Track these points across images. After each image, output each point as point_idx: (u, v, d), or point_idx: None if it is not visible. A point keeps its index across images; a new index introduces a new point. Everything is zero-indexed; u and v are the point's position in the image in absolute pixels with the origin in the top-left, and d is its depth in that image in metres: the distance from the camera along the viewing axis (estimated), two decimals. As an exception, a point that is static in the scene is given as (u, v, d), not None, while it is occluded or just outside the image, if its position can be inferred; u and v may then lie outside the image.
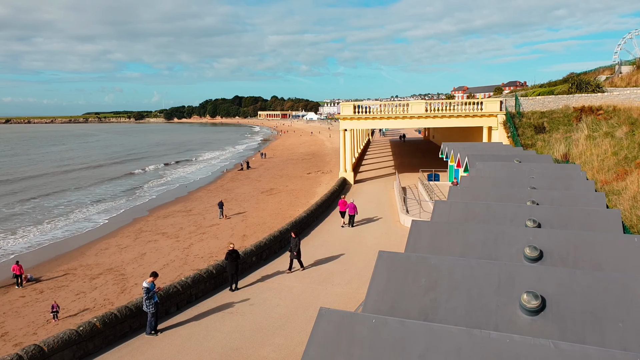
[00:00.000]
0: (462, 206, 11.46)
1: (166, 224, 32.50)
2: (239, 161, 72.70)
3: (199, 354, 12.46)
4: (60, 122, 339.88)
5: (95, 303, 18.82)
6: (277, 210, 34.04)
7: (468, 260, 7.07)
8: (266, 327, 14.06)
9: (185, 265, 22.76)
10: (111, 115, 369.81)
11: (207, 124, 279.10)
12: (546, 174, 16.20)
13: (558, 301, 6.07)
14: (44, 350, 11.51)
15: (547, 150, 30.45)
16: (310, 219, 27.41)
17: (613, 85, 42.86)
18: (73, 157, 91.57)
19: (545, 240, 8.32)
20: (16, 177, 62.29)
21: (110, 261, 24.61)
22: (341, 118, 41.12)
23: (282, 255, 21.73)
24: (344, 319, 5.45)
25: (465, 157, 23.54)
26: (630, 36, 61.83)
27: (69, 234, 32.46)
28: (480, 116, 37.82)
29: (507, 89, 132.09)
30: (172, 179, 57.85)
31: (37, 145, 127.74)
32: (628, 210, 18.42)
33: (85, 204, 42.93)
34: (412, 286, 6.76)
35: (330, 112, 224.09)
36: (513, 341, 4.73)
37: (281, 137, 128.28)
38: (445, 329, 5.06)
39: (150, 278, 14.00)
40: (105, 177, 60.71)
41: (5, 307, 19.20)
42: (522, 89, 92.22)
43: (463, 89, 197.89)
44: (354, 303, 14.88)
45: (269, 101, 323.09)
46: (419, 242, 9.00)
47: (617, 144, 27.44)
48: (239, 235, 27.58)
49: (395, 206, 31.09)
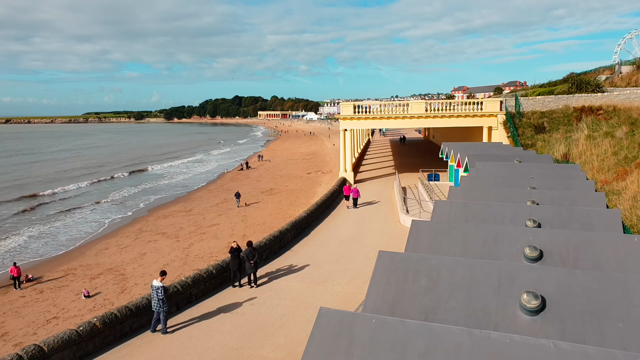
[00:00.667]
0: (462, 206, 11.46)
1: (166, 224, 32.50)
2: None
3: (199, 354, 12.47)
4: (61, 122, 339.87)
5: (95, 303, 18.82)
6: (277, 210, 34.05)
7: (468, 260, 7.07)
8: (266, 327, 14.07)
9: (185, 265, 22.77)
10: (111, 115, 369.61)
11: (207, 124, 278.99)
12: (546, 174, 16.20)
13: (558, 301, 6.07)
14: (44, 350, 11.52)
15: (547, 150, 30.44)
16: (310, 219, 27.41)
17: (613, 85, 42.87)
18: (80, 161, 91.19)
19: (545, 240, 8.33)
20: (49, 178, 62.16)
21: (111, 261, 24.61)
22: (341, 118, 41.13)
23: (282, 255, 21.74)
24: (344, 319, 5.45)
25: (465, 157, 23.54)
26: (630, 36, 61.88)
27: (67, 233, 32.47)
28: (480, 116, 37.83)
29: (507, 89, 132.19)
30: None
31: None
32: (628, 210, 18.42)
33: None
34: (412, 286, 6.76)
35: (330, 112, 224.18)
36: (513, 341, 4.73)
37: (281, 137, 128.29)
38: (445, 329, 5.06)
39: (161, 277, 14.21)
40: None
41: (5, 307, 19.20)
42: (522, 89, 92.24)
43: (463, 89, 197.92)
44: (354, 303, 14.88)
45: (269, 101, 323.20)
46: (419, 242, 9.01)
47: (617, 144, 27.43)
48: (239, 235, 27.57)
49: (395, 206, 31.10)
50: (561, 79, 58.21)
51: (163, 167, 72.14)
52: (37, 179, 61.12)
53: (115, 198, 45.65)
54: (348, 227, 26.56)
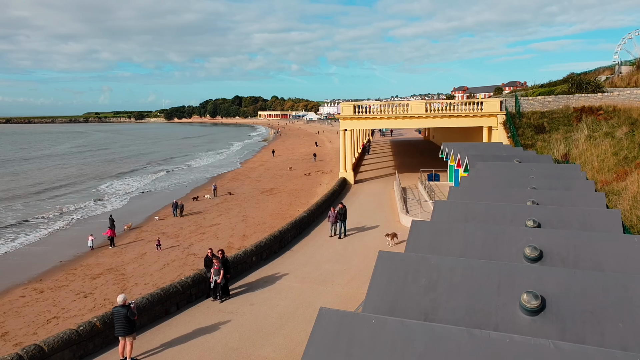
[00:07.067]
0: (462, 206, 11.46)
1: (166, 224, 32.49)
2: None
3: (199, 354, 12.47)
4: (61, 122, 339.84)
5: (95, 303, 18.82)
6: (277, 210, 34.04)
7: (468, 260, 7.07)
8: (266, 327, 14.07)
9: (185, 265, 22.76)
10: (111, 115, 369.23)
11: (207, 124, 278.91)
12: (546, 174, 16.20)
13: (558, 301, 6.08)
14: (44, 350, 11.52)
15: (547, 151, 30.44)
16: (310, 218, 27.41)
17: (613, 86, 42.88)
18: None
19: (545, 240, 8.33)
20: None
21: (111, 261, 24.61)
22: (341, 118, 41.13)
23: (282, 255, 21.74)
24: (344, 319, 5.45)
25: (465, 157, 23.54)
26: (630, 36, 61.90)
27: (65, 233, 32.46)
28: (480, 116, 37.83)
29: (507, 89, 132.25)
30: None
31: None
32: (628, 210, 18.41)
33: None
34: (412, 286, 6.77)
35: (330, 112, 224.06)
36: (513, 341, 4.73)
37: (281, 137, 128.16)
38: (445, 329, 5.06)
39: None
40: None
41: (6, 307, 19.20)
42: (522, 89, 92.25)
43: (463, 89, 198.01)
44: (354, 303, 14.88)
45: (269, 101, 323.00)
46: (419, 242, 9.01)
47: (617, 144, 27.43)
48: (239, 235, 27.58)
49: (395, 206, 31.09)
50: (561, 79, 58.22)
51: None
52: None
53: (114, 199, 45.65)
54: (348, 227, 26.53)
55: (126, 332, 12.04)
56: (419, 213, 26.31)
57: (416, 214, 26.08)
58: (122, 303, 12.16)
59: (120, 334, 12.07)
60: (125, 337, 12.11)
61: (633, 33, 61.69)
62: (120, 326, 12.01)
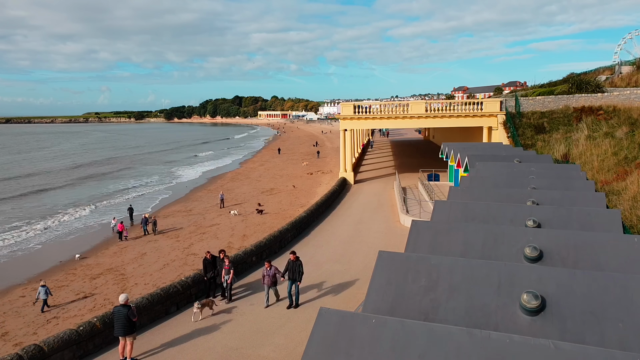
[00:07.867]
0: (462, 206, 11.46)
1: (166, 223, 32.48)
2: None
3: (199, 354, 12.47)
4: (61, 122, 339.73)
5: (95, 303, 18.82)
6: (277, 210, 34.04)
7: (468, 260, 7.07)
8: (266, 327, 14.07)
9: (185, 265, 22.76)
10: (111, 115, 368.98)
11: (207, 124, 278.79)
12: (546, 174, 16.20)
13: (558, 301, 6.07)
14: (44, 350, 11.52)
15: (547, 151, 30.44)
16: (310, 218, 27.41)
17: (613, 86, 42.89)
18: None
19: (545, 240, 8.32)
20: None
21: (111, 261, 24.61)
22: (341, 118, 41.14)
23: (282, 255, 21.73)
24: (343, 319, 5.45)
25: (465, 157, 23.54)
26: (630, 36, 61.92)
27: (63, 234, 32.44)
28: (480, 116, 37.84)
29: (507, 89, 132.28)
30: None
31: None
32: (628, 210, 18.41)
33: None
34: (412, 286, 6.76)
35: (330, 112, 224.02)
36: (513, 341, 4.73)
37: (281, 137, 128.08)
38: (445, 329, 5.06)
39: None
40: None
41: (5, 307, 19.19)
42: (522, 89, 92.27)
43: (463, 89, 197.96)
44: (354, 303, 14.88)
45: (269, 101, 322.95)
46: (419, 242, 9.00)
47: (617, 144, 27.43)
48: (239, 235, 27.58)
49: (395, 206, 31.10)
50: (561, 79, 58.26)
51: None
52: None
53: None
54: (348, 227, 26.55)
55: (126, 332, 12.03)
56: (419, 213, 26.32)
57: (416, 214, 26.08)
58: (123, 302, 12.16)
59: (120, 334, 12.07)
60: (126, 337, 12.10)
61: (633, 33, 61.73)
62: (121, 326, 12.00)
